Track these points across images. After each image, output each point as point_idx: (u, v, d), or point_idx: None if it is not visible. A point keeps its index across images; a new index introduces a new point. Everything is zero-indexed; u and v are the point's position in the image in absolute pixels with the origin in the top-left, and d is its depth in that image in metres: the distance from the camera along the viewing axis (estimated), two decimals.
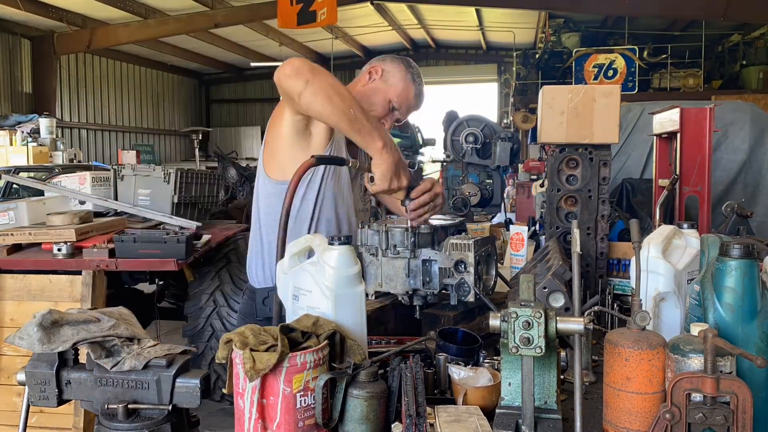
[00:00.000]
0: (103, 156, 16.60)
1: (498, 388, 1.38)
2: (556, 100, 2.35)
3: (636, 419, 1.19)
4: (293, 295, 1.55)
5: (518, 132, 12.17)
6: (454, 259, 1.78)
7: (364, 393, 1.27)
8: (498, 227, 4.03)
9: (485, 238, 1.92)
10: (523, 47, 16.35)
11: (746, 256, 1.25)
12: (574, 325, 1.25)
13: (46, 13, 12.49)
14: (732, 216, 2.90)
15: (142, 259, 3.60)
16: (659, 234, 1.80)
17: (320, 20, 11.21)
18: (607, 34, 14.35)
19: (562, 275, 1.84)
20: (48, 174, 6.68)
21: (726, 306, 1.25)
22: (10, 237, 3.71)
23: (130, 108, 18.22)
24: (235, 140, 20.70)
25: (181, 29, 13.73)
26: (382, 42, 18.69)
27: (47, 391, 1.28)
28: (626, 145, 5.58)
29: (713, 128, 2.92)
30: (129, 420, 1.22)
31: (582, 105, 2.32)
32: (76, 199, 4.45)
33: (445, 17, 15.91)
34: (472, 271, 1.76)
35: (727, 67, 13.76)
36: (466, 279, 1.77)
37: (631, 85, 12.78)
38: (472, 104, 19.18)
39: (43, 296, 3.67)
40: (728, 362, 1.14)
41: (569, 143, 2.35)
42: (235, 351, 1.23)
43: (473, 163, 5.97)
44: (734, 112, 5.58)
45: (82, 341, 1.26)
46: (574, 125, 2.33)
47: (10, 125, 11.00)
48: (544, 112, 2.39)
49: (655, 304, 1.69)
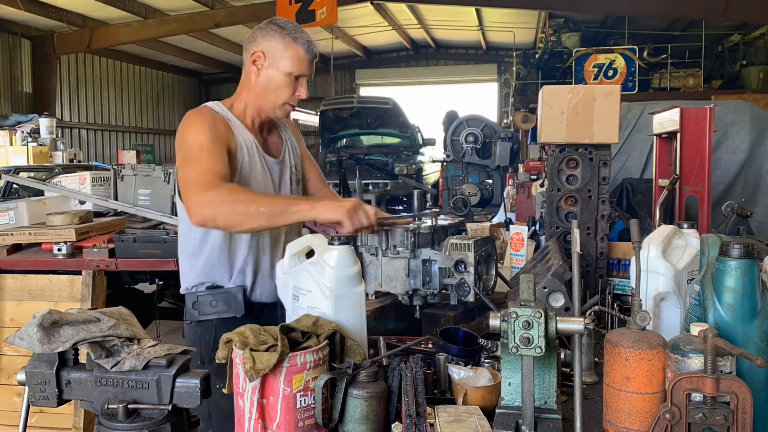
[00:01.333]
0: (103, 156, 16.59)
1: (498, 388, 1.38)
2: (556, 100, 2.35)
3: (636, 419, 1.19)
4: (293, 295, 1.55)
5: (518, 132, 12.15)
6: (454, 259, 1.79)
7: (364, 393, 1.27)
8: (498, 227, 4.02)
9: (485, 238, 1.92)
10: (523, 47, 16.34)
11: (746, 256, 1.25)
12: (574, 325, 1.25)
13: (46, 13, 12.48)
14: (732, 216, 2.90)
15: (142, 259, 3.60)
16: (659, 234, 1.80)
17: (320, 19, 11.20)
18: (607, 34, 14.35)
19: (562, 275, 1.84)
20: (48, 174, 6.68)
21: (726, 306, 1.25)
22: (10, 237, 3.71)
23: (129, 108, 18.21)
24: None
25: (181, 29, 13.72)
26: (382, 42, 18.69)
27: (47, 391, 1.28)
28: (626, 145, 5.58)
29: (713, 128, 2.92)
30: (129, 420, 1.22)
31: (582, 105, 2.32)
32: (76, 199, 4.45)
33: (445, 17, 15.90)
34: (472, 271, 1.76)
35: (727, 67, 13.75)
36: (466, 279, 1.78)
37: (631, 85, 12.77)
38: (472, 104, 19.17)
39: (43, 296, 3.67)
40: (728, 362, 1.14)
41: (569, 143, 2.35)
42: (235, 351, 1.23)
43: (473, 163, 5.97)
44: (734, 112, 5.58)
45: (82, 341, 1.26)
46: (574, 125, 2.33)
47: (10, 125, 11.00)
48: (544, 112, 2.39)
49: (655, 304, 1.70)
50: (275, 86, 2.08)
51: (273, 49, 2.06)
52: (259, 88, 2.10)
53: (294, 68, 2.06)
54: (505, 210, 4.80)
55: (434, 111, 9.12)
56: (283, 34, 2.07)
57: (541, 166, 5.28)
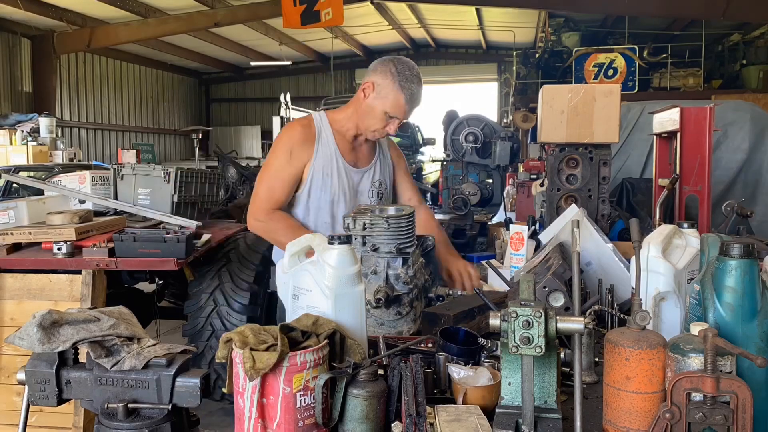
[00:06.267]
0: (103, 155, 16.59)
1: (498, 387, 1.38)
2: (556, 100, 2.36)
3: (636, 419, 1.19)
4: (293, 294, 1.55)
5: (518, 131, 12.16)
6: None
7: (364, 392, 1.27)
8: (498, 226, 4.03)
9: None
10: (523, 47, 16.34)
11: (746, 255, 1.25)
12: (574, 325, 1.25)
13: (46, 12, 12.48)
14: (732, 215, 2.90)
15: (142, 259, 3.59)
16: (659, 233, 1.80)
17: (325, 20, 11.21)
18: (607, 34, 14.34)
19: (562, 275, 1.84)
20: (48, 173, 6.68)
21: (726, 305, 1.25)
22: (9, 236, 3.70)
23: (130, 107, 18.21)
24: (235, 139, 20.67)
25: (181, 28, 13.72)
26: (382, 41, 18.68)
27: (47, 390, 1.28)
28: (626, 145, 5.59)
29: (713, 128, 2.93)
30: (129, 419, 1.22)
31: (582, 104, 2.32)
32: (76, 198, 4.44)
33: (445, 17, 15.90)
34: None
35: (727, 67, 13.75)
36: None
37: (631, 84, 12.77)
38: (472, 104, 19.19)
39: (42, 296, 3.66)
40: (728, 362, 1.14)
41: (569, 143, 2.36)
42: (235, 350, 1.23)
43: (473, 162, 5.97)
44: (734, 111, 5.58)
45: (82, 341, 1.26)
46: (574, 125, 2.33)
47: (10, 124, 10.99)
48: (544, 112, 2.39)
49: (655, 303, 1.70)
50: (372, 116, 2.41)
51: (381, 87, 2.37)
52: (360, 110, 2.44)
53: (391, 110, 2.38)
54: (505, 209, 4.81)
55: (434, 110, 9.12)
56: (395, 78, 2.35)
57: (541, 165, 5.28)
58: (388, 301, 1.87)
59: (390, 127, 2.42)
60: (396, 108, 2.37)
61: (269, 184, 2.45)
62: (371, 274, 1.89)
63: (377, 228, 1.92)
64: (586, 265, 2.20)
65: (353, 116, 2.48)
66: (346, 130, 2.50)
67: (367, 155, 2.60)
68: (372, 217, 1.93)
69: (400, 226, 1.92)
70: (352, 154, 2.54)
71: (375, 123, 2.41)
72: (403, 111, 2.38)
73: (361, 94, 2.42)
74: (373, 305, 1.86)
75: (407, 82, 2.35)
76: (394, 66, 2.36)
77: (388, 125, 2.41)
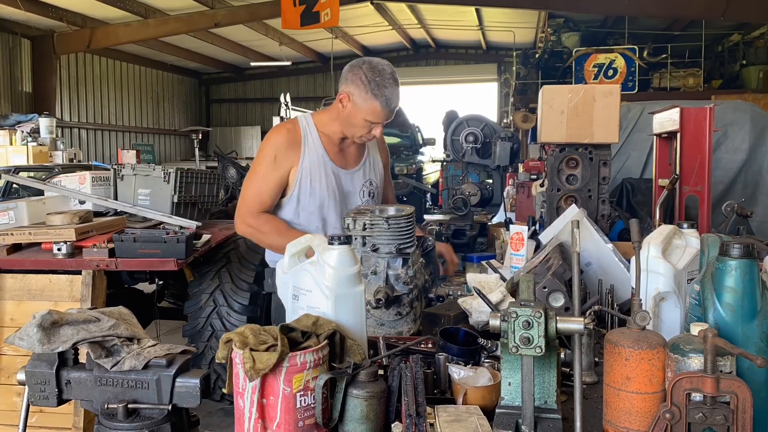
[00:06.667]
0: (103, 156, 16.58)
1: (498, 387, 1.38)
2: (556, 100, 2.36)
3: (636, 419, 1.19)
4: (293, 294, 1.55)
5: (518, 132, 12.16)
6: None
7: (364, 393, 1.27)
8: (498, 227, 4.03)
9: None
10: (523, 47, 16.34)
11: (746, 255, 1.25)
12: (574, 325, 1.25)
13: (46, 12, 12.48)
14: (732, 216, 2.90)
15: (142, 259, 3.59)
16: (659, 234, 1.80)
17: (324, 21, 11.22)
18: (607, 34, 14.34)
19: (562, 275, 1.84)
20: (48, 174, 6.68)
21: (726, 306, 1.25)
22: (9, 237, 3.70)
23: (130, 108, 18.21)
24: (235, 140, 20.69)
25: (181, 29, 13.72)
26: (382, 42, 18.69)
27: (47, 390, 1.28)
28: (626, 145, 5.59)
29: (713, 128, 2.93)
30: (129, 420, 1.22)
31: (582, 105, 2.32)
32: (75, 198, 4.44)
33: (445, 17, 15.90)
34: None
35: (727, 67, 13.75)
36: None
37: (631, 84, 12.77)
38: (472, 104, 19.19)
39: (42, 296, 3.67)
40: (728, 362, 1.14)
41: (569, 143, 2.36)
42: (235, 351, 1.23)
43: (473, 162, 5.97)
44: (734, 111, 5.59)
45: (82, 341, 1.26)
46: (574, 125, 2.33)
47: (10, 125, 10.98)
48: (544, 112, 2.39)
49: (655, 303, 1.69)
50: (354, 124, 2.39)
51: (356, 96, 2.34)
52: (342, 118, 2.42)
53: (370, 118, 2.36)
54: (505, 210, 4.80)
55: (434, 111, 9.13)
56: (368, 87, 2.31)
57: (541, 165, 5.28)
58: (388, 301, 1.87)
59: (374, 131, 2.42)
60: (374, 115, 2.35)
61: (256, 187, 2.45)
62: (371, 274, 1.89)
63: (377, 228, 1.92)
64: (586, 266, 2.20)
65: (337, 120, 2.47)
66: (333, 133, 2.50)
67: (356, 156, 2.59)
68: (372, 218, 1.93)
69: (400, 226, 1.92)
70: (340, 155, 2.53)
71: (358, 130, 2.41)
72: (382, 116, 2.37)
73: (339, 105, 2.41)
74: (373, 306, 1.85)
75: (379, 88, 2.31)
76: (364, 74, 2.32)
77: (371, 130, 2.41)
